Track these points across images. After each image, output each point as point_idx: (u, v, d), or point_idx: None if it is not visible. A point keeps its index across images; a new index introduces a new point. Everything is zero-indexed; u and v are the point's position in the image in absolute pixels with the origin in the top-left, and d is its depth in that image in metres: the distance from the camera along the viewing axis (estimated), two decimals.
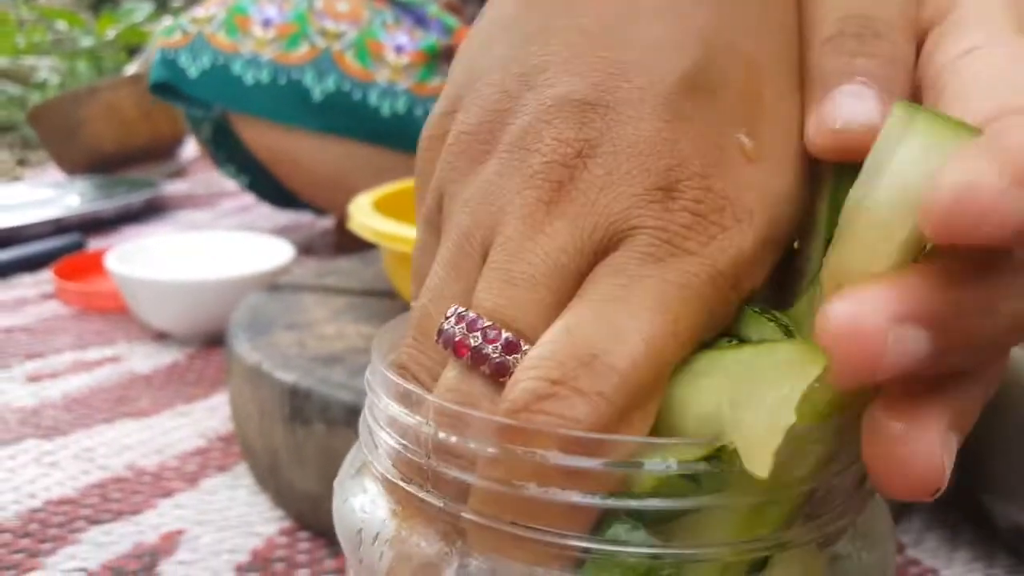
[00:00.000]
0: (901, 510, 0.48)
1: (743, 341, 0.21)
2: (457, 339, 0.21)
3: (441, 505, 0.20)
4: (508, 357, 0.21)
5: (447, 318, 0.22)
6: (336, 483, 0.24)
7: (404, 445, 0.21)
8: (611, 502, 0.19)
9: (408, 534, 0.21)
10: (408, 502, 0.21)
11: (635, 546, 0.19)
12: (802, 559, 0.20)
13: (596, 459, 0.18)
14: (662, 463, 0.18)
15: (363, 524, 0.22)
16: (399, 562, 0.21)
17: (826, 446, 0.19)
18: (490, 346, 0.21)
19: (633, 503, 0.19)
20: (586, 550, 0.19)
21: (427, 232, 0.25)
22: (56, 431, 0.58)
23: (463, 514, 0.20)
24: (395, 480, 0.21)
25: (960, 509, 0.48)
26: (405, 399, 0.21)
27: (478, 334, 0.21)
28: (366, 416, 0.23)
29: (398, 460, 0.21)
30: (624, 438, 0.19)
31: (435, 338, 0.22)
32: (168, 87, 0.88)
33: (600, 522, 0.19)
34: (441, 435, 0.20)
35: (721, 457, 0.18)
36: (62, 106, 1.43)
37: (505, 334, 0.21)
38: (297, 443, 0.46)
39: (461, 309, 0.22)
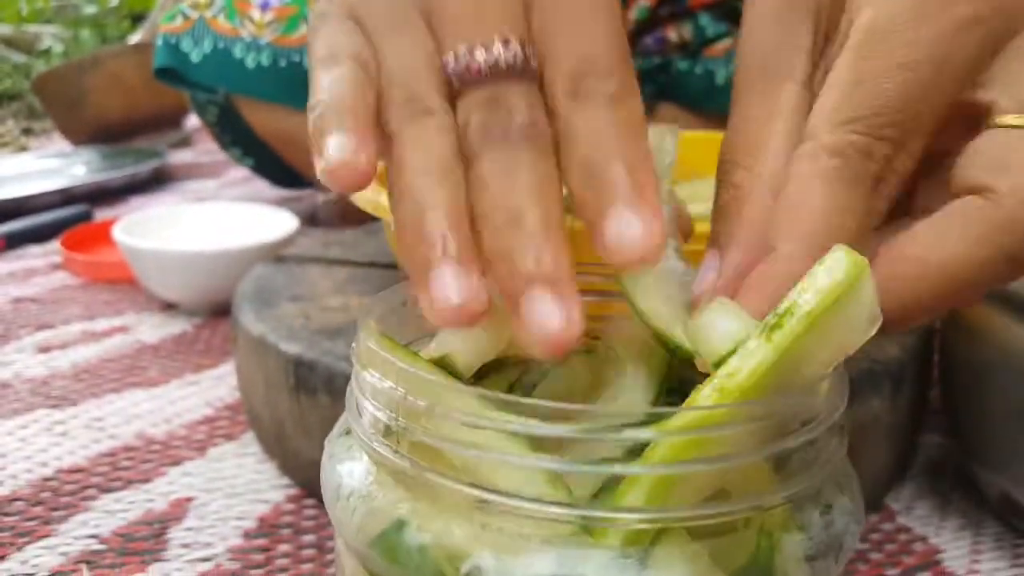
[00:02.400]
0: (892, 479, 0.49)
1: None
2: (464, 65, 0.24)
3: (408, 466, 0.22)
4: (519, 49, 0.24)
5: (444, 63, 0.25)
6: (326, 442, 0.27)
7: (379, 409, 0.23)
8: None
9: (378, 492, 0.23)
10: (382, 464, 0.23)
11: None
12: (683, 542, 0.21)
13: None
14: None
15: (342, 481, 0.24)
16: (368, 517, 0.23)
17: None
18: (498, 47, 0.24)
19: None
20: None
21: (339, 32, 0.27)
22: (66, 401, 0.59)
23: (427, 475, 0.21)
24: (371, 442, 0.23)
25: (950, 478, 0.49)
26: (382, 365, 0.23)
27: (479, 51, 0.24)
28: (351, 384, 0.25)
29: (375, 424, 0.23)
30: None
31: (432, 93, 0.25)
32: (172, 72, 0.88)
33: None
34: (409, 399, 0.22)
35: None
36: (66, 76, 1.43)
37: (498, 41, 0.24)
38: (302, 413, 0.47)
39: (448, 56, 0.25)
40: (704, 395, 0.21)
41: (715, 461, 0.20)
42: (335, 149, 0.23)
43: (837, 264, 0.20)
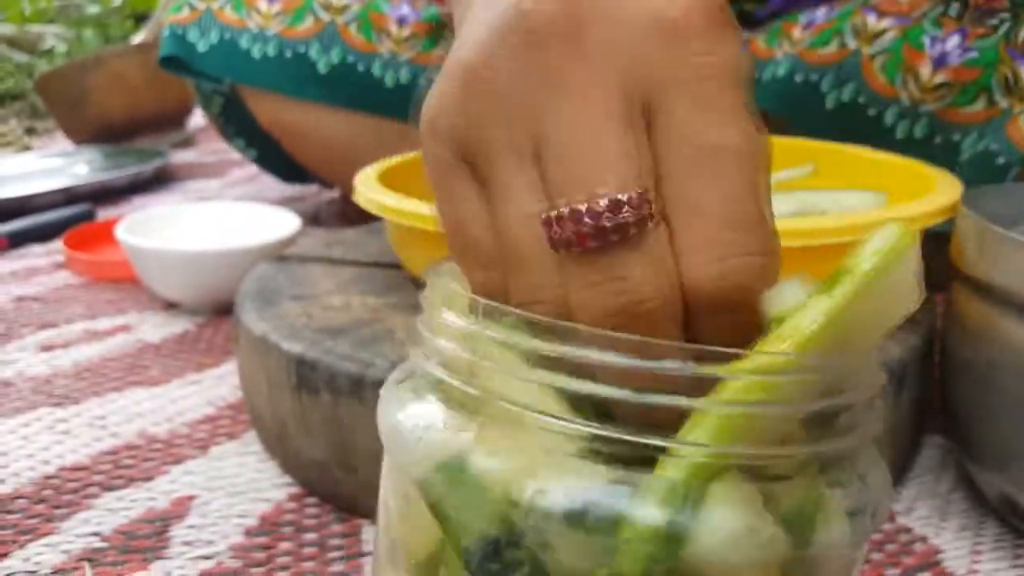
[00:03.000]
0: (893, 479, 0.49)
1: None
2: (573, 231, 0.22)
3: (480, 393, 0.22)
4: (628, 212, 0.21)
5: (545, 223, 0.22)
6: (383, 391, 0.26)
7: (451, 348, 0.23)
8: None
9: (445, 422, 0.23)
10: (451, 394, 0.23)
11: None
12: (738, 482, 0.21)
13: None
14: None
15: (402, 421, 0.24)
16: (433, 445, 0.23)
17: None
18: (606, 215, 0.22)
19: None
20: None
21: (452, 179, 0.25)
22: (69, 399, 0.59)
23: (499, 402, 0.22)
24: (442, 376, 0.23)
25: (951, 479, 0.49)
26: (458, 305, 0.24)
27: (585, 217, 0.22)
28: (418, 327, 0.25)
29: (446, 360, 0.24)
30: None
31: (540, 256, 0.23)
32: (178, 62, 0.89)
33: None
34: (487, 331, 0.22)
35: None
36: (69, 75, 1.43)
37: (604, 198, 0.22)
38: (304, 412, 0.47)
39: (548, 212, 0.22)
40: (771, 341, 0.22)
41: (780, 405, 0.21)
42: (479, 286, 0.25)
43: (891, 232, 0.22)
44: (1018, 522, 0.44)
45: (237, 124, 0.97)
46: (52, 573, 0.42)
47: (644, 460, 0.21)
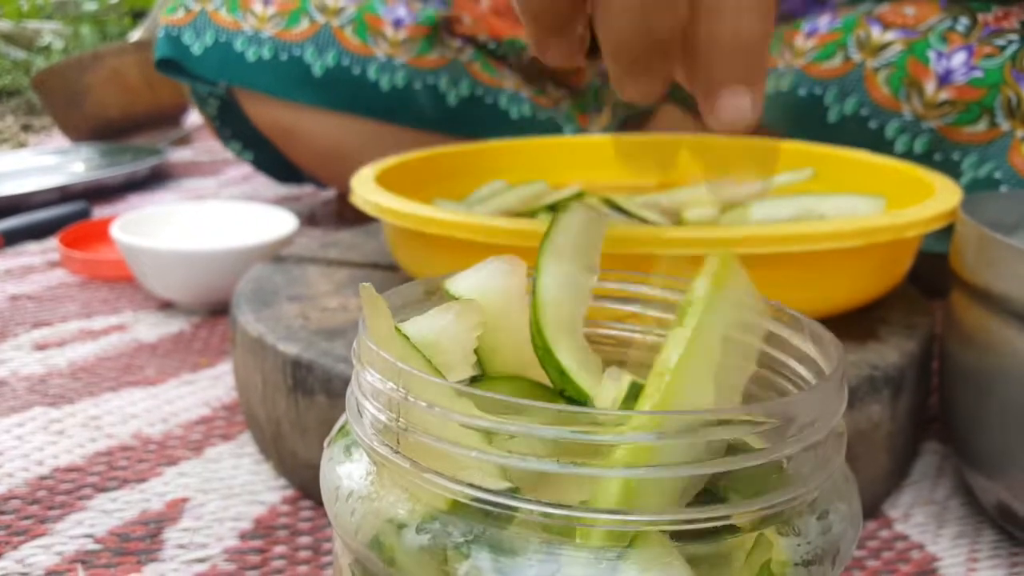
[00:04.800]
0: (890, 485, 0.49)
1: None
2: None
3: (408, 467, 0.22)
4: None
5: None
6: (325, 443, 0.26)
7: (380, 411, 0.23)
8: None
9: (378, 493, 0.23)
10: (383, 465, 0.23)
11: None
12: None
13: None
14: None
15: (341, 482, 0.24)
16: (367, 518, 0.23)
17: None
18: None
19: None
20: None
21: None
22: (63, 399, 0.59)
23: (425, 475, 0.21)
24: (371, 442, 0.23)
25: (948, 486, 0.49)
26: (383, 368, 0.23)
27: None
28: (352, 385, 0.25)
29: (376, 426, 0.23)
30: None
31: None
32: (173, 64, 0.88)
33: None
34: (410, 398, 0.22)
35: None
36: (66, 72, 1.43)
37: None
38: (299, 414, 0.47)
39: None
40: (648, 392, 0.22)
41: (673, 468, 0.20)
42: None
43: (714, 260, 0.25)
44: (1015, 530, 0.44)
45: (233, 127, 0.96)
46: (45, 575, 0.42)
47: (567, 531, 0.20)
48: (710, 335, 0.23)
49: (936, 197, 0.49)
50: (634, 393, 0.25)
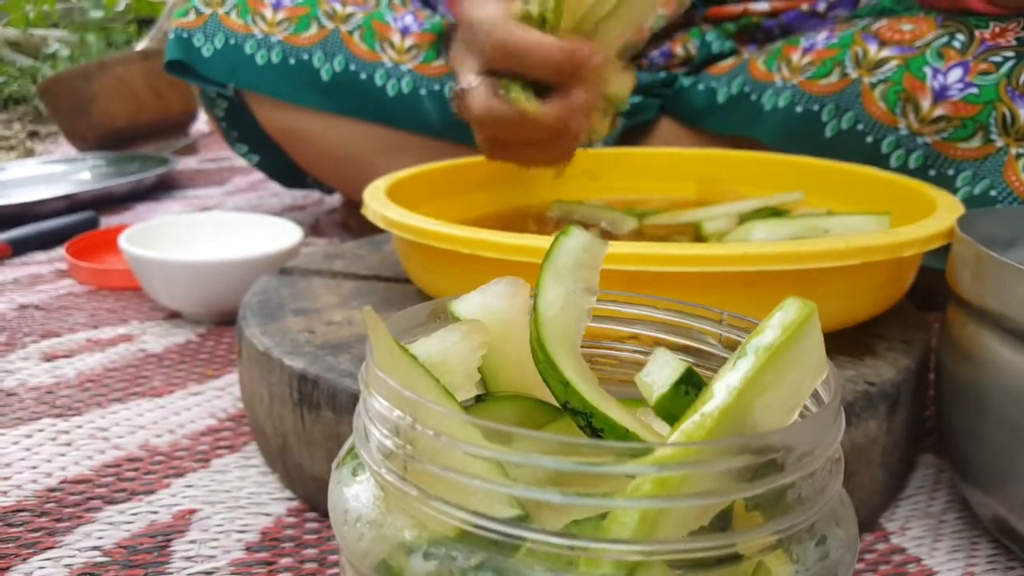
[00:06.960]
0: (887, 499, 0.49)
1: None
2: None
3: (415, 494, 0.22)
4: None
5: None
6: (333, 465, 0.27)
7: (387, 437, 0.23)
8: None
9: (386, 518, 0.23)
10: (389, 490, 0.23)
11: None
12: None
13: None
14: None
15: (349, 505, 0.25)
16: (375, 542, 0.23)
17: None
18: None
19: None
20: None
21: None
22: (71, 410, 0.60)
23: (432, 502, 0.22)
24: (378, 468, 0.24)
25: (944, 499, 0.50)
26: (391, 396, 0.23)
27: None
28: (359, 410, 0.25)
29: (383, 451, 0.24)
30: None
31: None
32: (183, 66, 0.89)
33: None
34: (417, 428, 0.22)
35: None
36: (72, 81, 1.44)
37: None
38: (305, 428, 0.47)
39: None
40: (685, 427, 0.22)
41: (695, 498, 0.21)
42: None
43: (793, 306, 0.23)
44: (1011, 543, 0.44)
45: (240, 129, 0.97)
46: None
47: (572, 561, 0.21)
48: (761, 391, 0.23)
49: (936, 216, 0.49)
50: (689, 378, 0.25)
